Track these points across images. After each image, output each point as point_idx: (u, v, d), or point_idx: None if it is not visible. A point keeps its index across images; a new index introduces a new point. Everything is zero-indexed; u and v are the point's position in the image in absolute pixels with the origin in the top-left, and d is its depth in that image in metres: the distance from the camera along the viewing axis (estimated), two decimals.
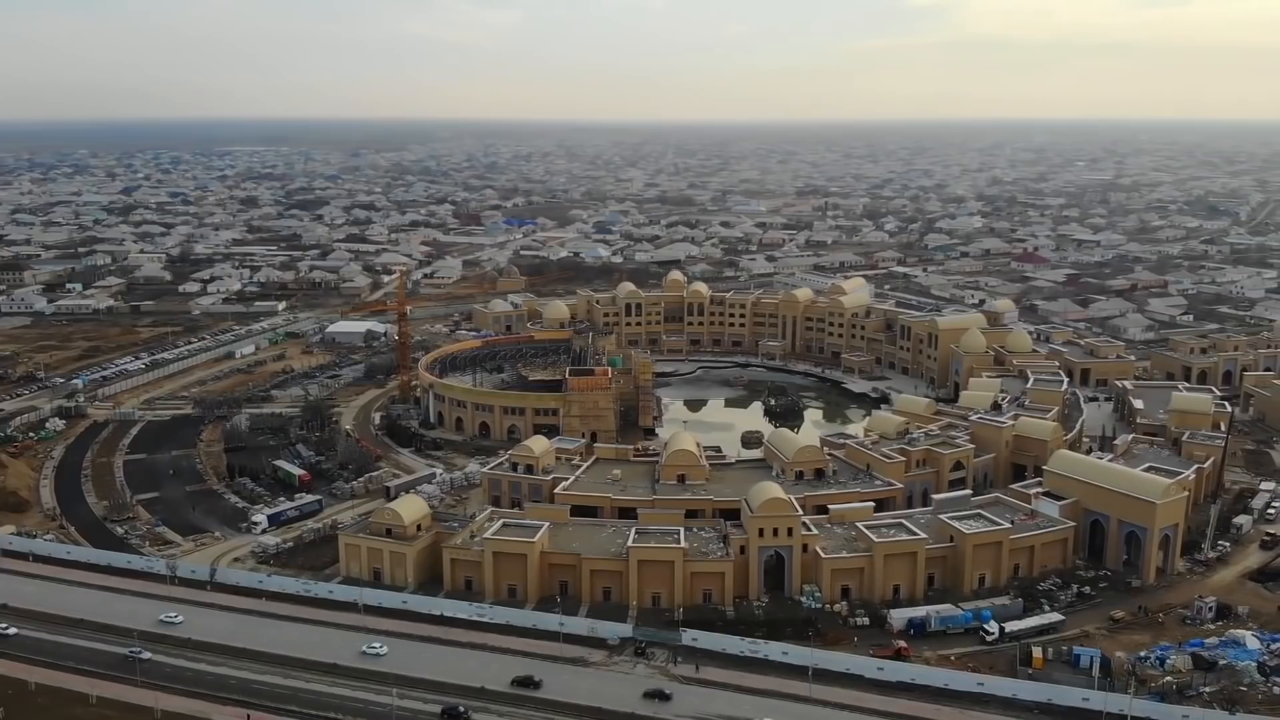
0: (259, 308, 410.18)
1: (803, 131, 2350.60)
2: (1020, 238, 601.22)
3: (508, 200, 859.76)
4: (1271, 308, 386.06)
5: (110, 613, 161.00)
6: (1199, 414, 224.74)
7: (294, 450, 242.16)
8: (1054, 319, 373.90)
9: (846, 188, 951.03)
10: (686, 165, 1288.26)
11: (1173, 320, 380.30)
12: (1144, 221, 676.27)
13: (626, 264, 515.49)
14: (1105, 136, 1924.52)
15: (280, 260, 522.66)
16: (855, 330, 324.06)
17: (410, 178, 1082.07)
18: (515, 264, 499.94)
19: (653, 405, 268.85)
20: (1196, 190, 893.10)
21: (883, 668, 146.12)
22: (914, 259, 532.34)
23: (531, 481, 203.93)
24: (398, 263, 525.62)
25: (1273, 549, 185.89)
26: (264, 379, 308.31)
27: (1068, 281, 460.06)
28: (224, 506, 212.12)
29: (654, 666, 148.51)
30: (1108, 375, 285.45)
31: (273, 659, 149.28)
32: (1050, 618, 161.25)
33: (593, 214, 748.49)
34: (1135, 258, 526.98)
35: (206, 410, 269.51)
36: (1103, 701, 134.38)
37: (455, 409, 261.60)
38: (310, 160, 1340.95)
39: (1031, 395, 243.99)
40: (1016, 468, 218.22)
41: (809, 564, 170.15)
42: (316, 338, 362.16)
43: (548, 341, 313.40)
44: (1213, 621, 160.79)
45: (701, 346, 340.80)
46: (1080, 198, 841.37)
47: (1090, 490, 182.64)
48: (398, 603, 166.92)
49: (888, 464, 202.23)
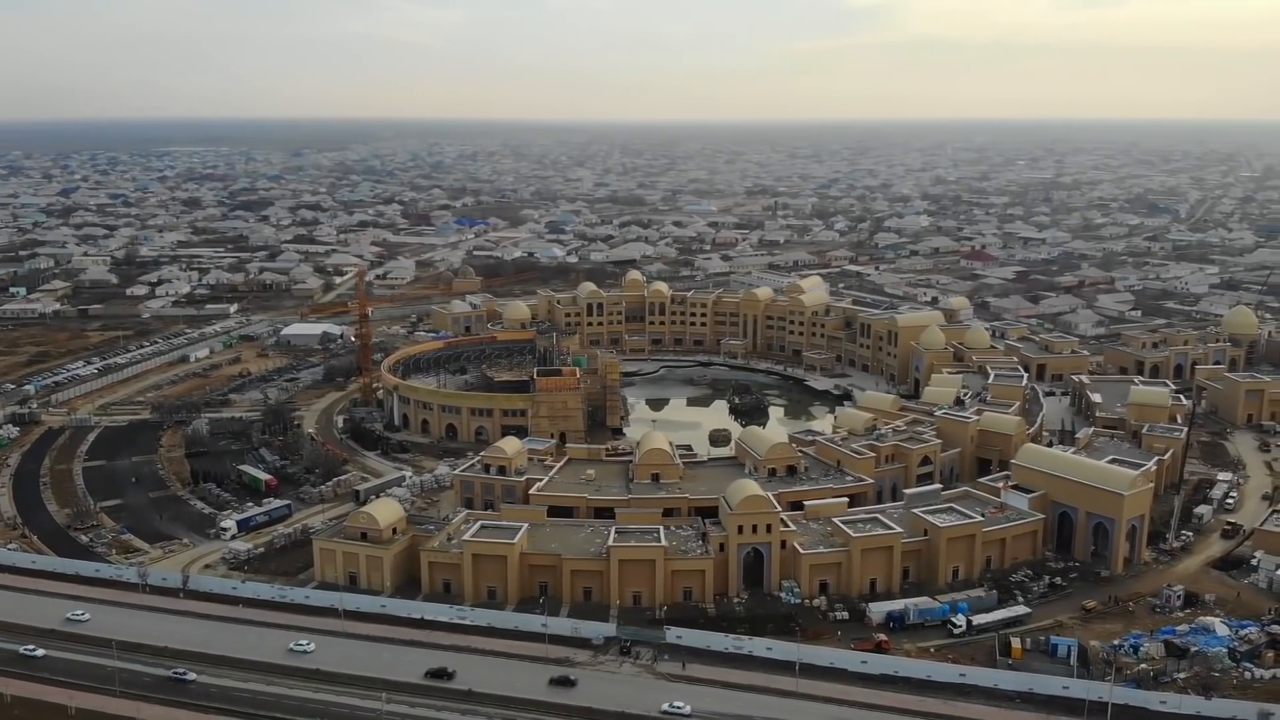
0: (210, 310, 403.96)
1: (747, 132, 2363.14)
2: (967, 236, 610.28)
3: (457, 200, 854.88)
4: (1216, 303, 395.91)
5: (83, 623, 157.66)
6: (1157, 407, 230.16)
7: (258, 455, 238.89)
8: (1006, 315, 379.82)
9: (794, 188, 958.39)
10: (634, 165, 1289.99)
11: (1121, 316, 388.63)
12: (1087, 219, 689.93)
13: (582, 264, 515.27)
14: (1044, 136, 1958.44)
15: (228, 262, 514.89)
16: (815, 328, 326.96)
17: (355, 177, 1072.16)
18: (470, 264, 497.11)
19: (620, 405, 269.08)
20: (1136, 188, 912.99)
21: (866, 661, 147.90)
22: (865, 258, 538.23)
23: (505, 483, 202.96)
24: (348, 263, 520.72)
25: (1233, 537, 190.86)
26: (221, 383, 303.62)
27: (1017, 279, 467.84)
28: (190, 513, 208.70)
29: (640, 665, 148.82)
30: (1063, 370, 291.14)
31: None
32: (1017, 610, 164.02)
33: (544, 214, 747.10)
34: (1081, 255, 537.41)
35: (165, 415, 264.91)
36: (1084, 690, 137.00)
37: (421, 411, 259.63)
38: (251, 160, 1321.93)
39: (993, 391, 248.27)
40: (981, 462, 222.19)
41: (787, 560, 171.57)
42: (272, 340, 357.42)
43: (510, 342, 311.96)
44: (1181, 609, 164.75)
45: (663, 346, 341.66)
46: (1023, 196, 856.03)
47: (1058, 483, 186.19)
48: (376, 606, 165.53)
49: (858, 460, 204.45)
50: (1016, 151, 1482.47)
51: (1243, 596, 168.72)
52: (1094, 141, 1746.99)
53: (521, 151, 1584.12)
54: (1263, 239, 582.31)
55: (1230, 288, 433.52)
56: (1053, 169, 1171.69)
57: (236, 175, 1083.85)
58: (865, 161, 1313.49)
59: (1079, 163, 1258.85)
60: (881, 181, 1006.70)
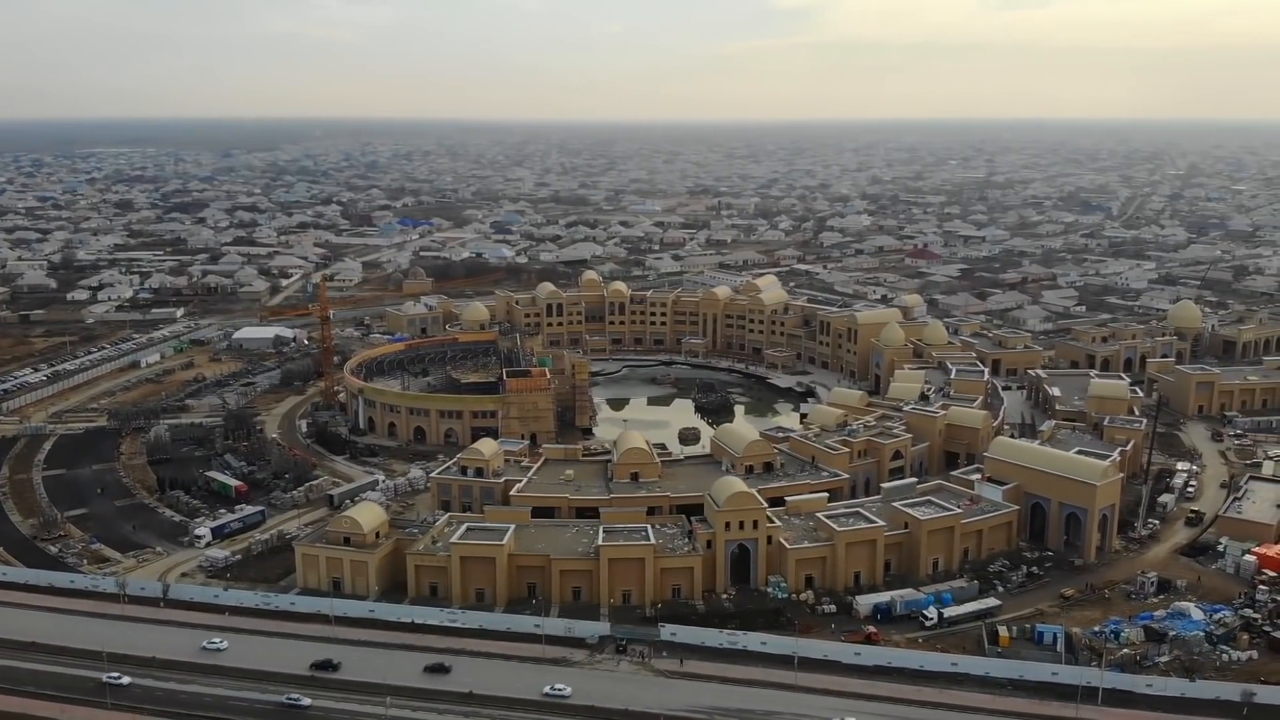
0: (157, 315, 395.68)
1: (681, 132, 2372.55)
2: (909, 235, 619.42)
3: (396, 200, 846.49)
4: (1156, 298, 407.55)
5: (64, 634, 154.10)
6: (1116, 399, 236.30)
7: (223, 461, 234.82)
8: (955, 312, 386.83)
9: (735, 187, 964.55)
10: (574, 165, 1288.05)
11: (1067, 311, 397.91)
12: (1023, 217, 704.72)
13: (532, 264, 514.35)
14: (972, 135, 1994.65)
15: (169, 265, 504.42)
16: (775, 327, 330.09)
17: (289, 178, 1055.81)
18: (418, 265, 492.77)
19: (589, 405, 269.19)
20: (1067, 187, 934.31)
21: (859, 653, 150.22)
22: (812, 256, 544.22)
23: (483, 485, 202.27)
24: (293, 265, 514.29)
25: (1197, 525, 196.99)
26: (175, 388, 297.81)
27: (962, 276, 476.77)
28: (160, 521, 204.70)
29: (637, 663, 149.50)
30: (1017, 365, 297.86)
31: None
32: (988, 602, 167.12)
33: (488, 214, 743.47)
34: (1021, 252, 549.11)
35: (122, 422, 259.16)
36: (1077, 675, 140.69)
37: (387, 414, 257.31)
38: (181, 161, 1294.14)
39: (955, 386, 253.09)
40: (949, 455, 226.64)
41: (773, 555, 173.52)
42: (224, 344, 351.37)
43: (472, 343, 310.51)
44: (1155, 595, 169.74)
45: (623, 346, 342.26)
46: (959, 195, 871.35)
47: (1031, 475, 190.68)
48: (364, 611, 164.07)
49: (833, 455, 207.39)
50: (947, 151, 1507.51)
51: (1203, 580, 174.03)
52: (1021, 141, 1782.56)
53: (457, 151, 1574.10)
54: (1194, 235, 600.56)
55: (1168, 283, 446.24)
56: (985, 168, 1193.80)
57: (167, 176, 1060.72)
58: (802, 162, 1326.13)
59: (1010, 162, 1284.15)
60: (820, 181, 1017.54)
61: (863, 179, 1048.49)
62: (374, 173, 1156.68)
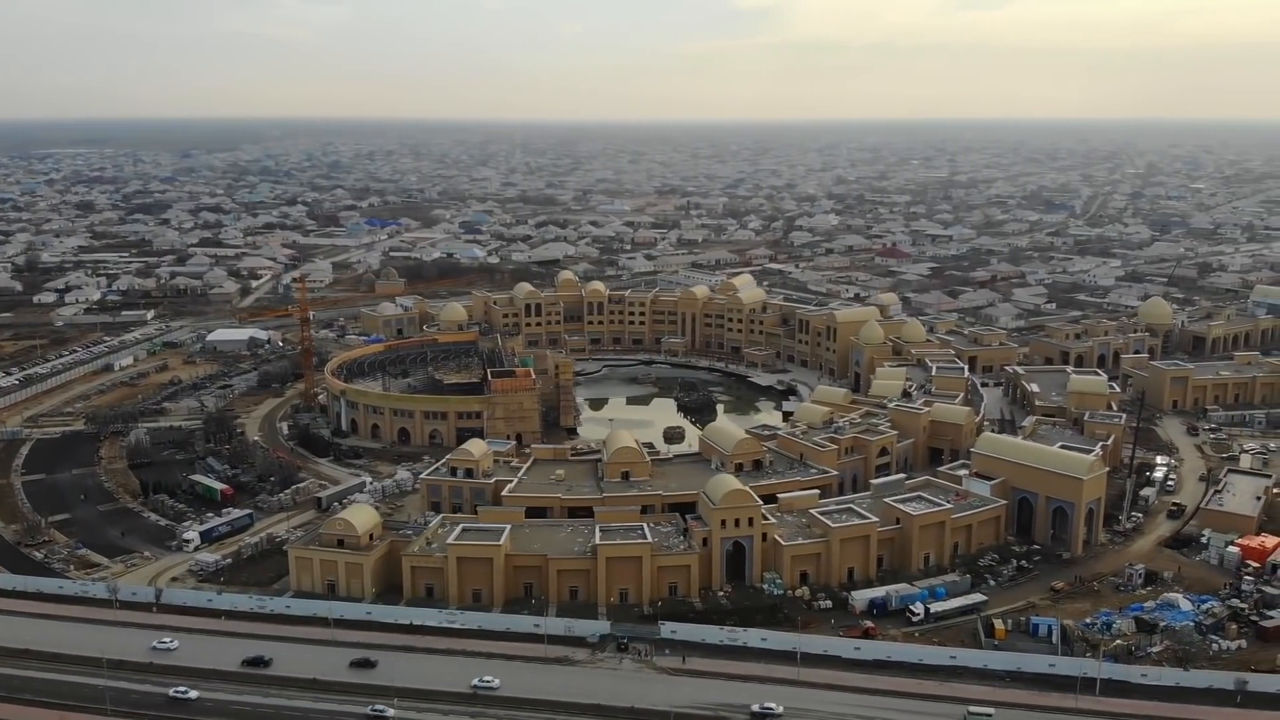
0: (127, 317, 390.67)
1: (645, 131, 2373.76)
2: (878, 234, 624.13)
3: (362, 200, 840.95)
4: (1125, 294, 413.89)
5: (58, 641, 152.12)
6: (1096, 395, 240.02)
7: (206, 464, 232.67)
8: (928, 310, 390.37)
9: (702, 187, 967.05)
10: (539, 165, 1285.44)
11: (1037, 309, 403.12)
12: (988, 216, 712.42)
13: (504, 264, 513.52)
14: (933, 135, 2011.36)
15: (136, 267, 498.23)
16: (754, 325, 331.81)
17: (252, 178, 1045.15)
18: (389, 266, 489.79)
19: (573, 405, 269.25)
20: (1030, 186, 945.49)
21: (859, 647, 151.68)
22: (784, 256, 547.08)
23: (474, 485, 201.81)
24: (262, 266, 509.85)
25: (1179, 517, 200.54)
26: (151, 391, 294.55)
27: (932, 274, 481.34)
28: (145, 525, 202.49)
29: (640, 661, 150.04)
30: (992, 362, 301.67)
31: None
32: (974, 598, 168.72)
33: (455, 214, 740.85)
34: (988, 251, 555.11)
35: (100, 426, 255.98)
36: (1074, 667, 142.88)
37: (371, 415, 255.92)
38: (140, 162, 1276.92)
39: (937, 382, 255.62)
40: (933, 451, 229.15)
41: (768, 552, 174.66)
42: (198, 346, 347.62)
43: (452, 344, 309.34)
44: (1143, 587, 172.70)
45: (602, 345, 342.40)
46: (924, 195, 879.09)
47: (1018, 470, 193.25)
48: (362, 614, 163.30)
49: (822, 452, 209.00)
50: (909, 151, 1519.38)
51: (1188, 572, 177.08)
52: (981, 140, 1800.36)
53: (420, 150, 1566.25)
54: (1157, 233, 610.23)
55: (1135, 280, 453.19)
56: (947, 168, 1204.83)
57: (127, 177, 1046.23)
58: (767, 162, 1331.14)
59: (971, 161, 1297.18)
60: (786, 181, 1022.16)
61: (828, 179, 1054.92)
62: (337, 173, 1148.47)
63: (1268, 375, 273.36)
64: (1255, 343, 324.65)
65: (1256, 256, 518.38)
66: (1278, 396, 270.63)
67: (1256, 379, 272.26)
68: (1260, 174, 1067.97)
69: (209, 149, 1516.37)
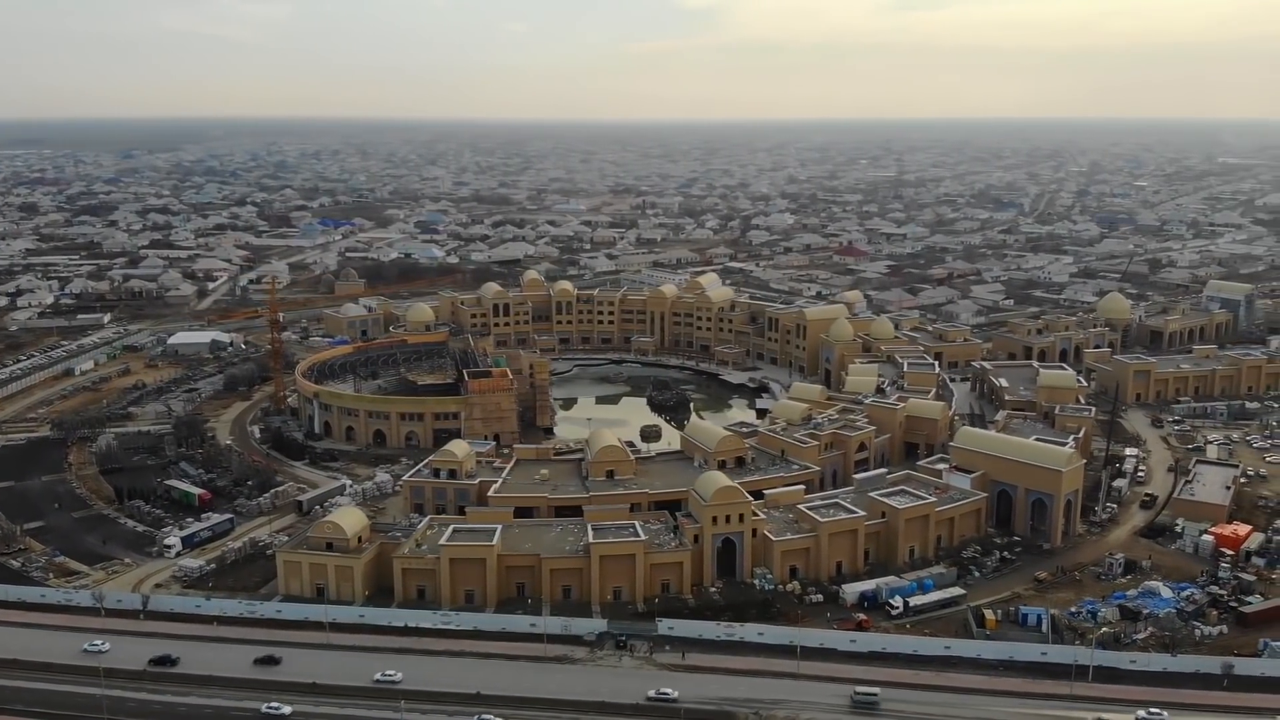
0: (83, 321, 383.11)
1: (594, 131, 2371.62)
2: (834, 233, 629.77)
3: (312, 200, 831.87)
4: (1080, 290, 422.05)
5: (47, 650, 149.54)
6: (1065, 389, 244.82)
7: (180, 469, 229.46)
8: (890, 308, 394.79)
9: (656, 186, 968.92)
10: (489, 164, 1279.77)
11: (996, 305, 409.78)
12: (939, 215, 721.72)
13: (464, 264, 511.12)
14: (878, 135, 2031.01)
15: (87, 270, 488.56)
16: (723, 324, 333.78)
17: (198, 179, 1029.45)
18: (349, 267, 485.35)
19: (550, 405, 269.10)
20: (977, 184, 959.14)
21: (854, 640, 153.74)
22: (744, 255, 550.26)
23: (457, 487, 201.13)
24: (218, 268, 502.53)
25: (1151, 507, 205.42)
26: (115, 396, 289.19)
27: (891, 272, 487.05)
28: (123, 531, 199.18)
29: (639, 658, 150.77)
30: (957, 357, 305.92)
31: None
32: (952, 592, 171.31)
33: (409, 214, 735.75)
34: (943, 249, 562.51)
35: (67, 432, 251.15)
36: (1065, 655, 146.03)
37: (345, 418, 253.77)
38: (81, 163, 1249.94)
39: (909, 378, 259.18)
40: (909, 446, 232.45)
41: (758, 548, 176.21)
42: (158, 350, 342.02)
43: (422, 345, 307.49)
44: (1123, 576, 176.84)
45: (570, 345, 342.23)
46: (875, 194, 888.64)
47: (997, 463, 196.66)
48: (354, 616, 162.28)
49: (803, 449, 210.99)
50: (857, 150, 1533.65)
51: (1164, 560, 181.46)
52: (926, 140, 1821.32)
53: (367, 150, 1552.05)
54: (1106, 230, 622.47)
55: (1088, 276, 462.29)
56: (895, 167, 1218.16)
57: (69, 179, 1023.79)
58: (717, 161, 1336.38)
59: (918, 161, 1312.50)
60: (739, 181, 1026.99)
61: (780, 178, 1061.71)
62: (284, 172, 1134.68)
63: (1226, 368, 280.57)
64: (1210, 336, 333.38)
65: (1204, 252, 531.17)
66: (1236, 389, 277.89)
67: (1216, 372, 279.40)
68: (1200, 172, 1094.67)
69: (150, 149, 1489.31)
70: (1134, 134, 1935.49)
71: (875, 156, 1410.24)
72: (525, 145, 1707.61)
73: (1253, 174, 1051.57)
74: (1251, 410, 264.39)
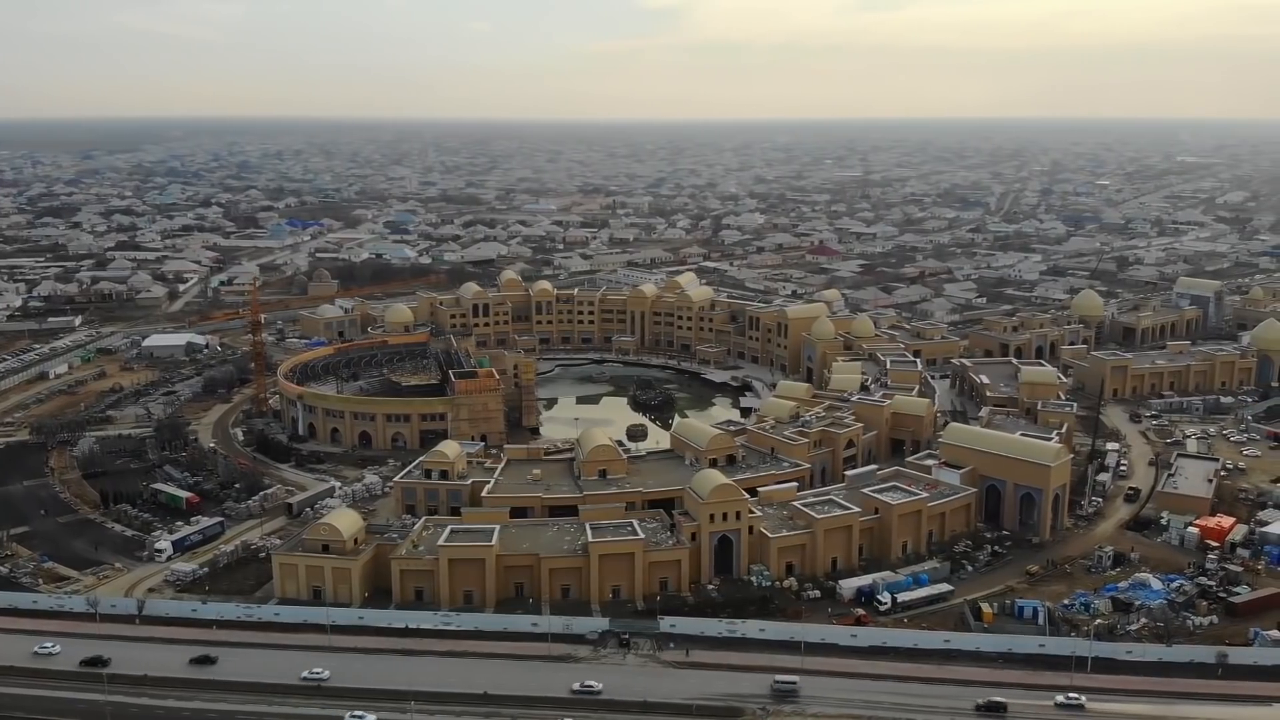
0: (54, 323, 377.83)
1: (558, 130, 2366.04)
2: (805, 232, 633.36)
3: (278, 201, 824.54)
4: (1051, 288, 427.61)
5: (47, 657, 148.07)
6: (1047, 385, 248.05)
7: (164, 472, 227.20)
8: (865, 306, 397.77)
9: (625, 186, 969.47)
10: (455, 164, 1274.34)
11: (969, 303, 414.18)
12: (907, 214, 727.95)
13: (437, 264, 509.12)
14: (841, 135, 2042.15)
15: (55, 272, 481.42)
16: (703, 323, 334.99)
17: (160, 179, 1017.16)
18: (321, 268, 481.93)
19: (536, 405, 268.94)
20: (942, 184, 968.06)
21: (855, 635, 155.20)
22: (717, 254, 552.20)
23: (450, 487, 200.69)
24: (188, 270, 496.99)
25: (1135, 501, 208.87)
26: (92, 399, 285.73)
27: (864, 271, 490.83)
28: (110, 536, 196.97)
29: (644, 655, 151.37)
30: (935, 355, 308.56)
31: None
32: (940, 588, 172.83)
33: (378, 214, 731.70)
34: (913, 248, 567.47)
35: (48, 436, 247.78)
36: (1063, 646, 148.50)
37: (330, 419, 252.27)
38: (39, 164, 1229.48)
39: (892, 376, 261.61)
40: (895, 442, 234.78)
41: (754, 544, 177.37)
42: (133, 353, 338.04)
43: (403, 345, 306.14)
44: (1112, 568, 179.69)
45: (551, 345, 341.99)
46: (842, 193, 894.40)
47: (986, 458, 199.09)
48: (354, 619, 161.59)
49: (793, 446, 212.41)
50: (821, 150, 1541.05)
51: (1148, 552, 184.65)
52: (888, 140, 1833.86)
53: (330, 150, 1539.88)
54: (1072, 228, 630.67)
55: (1058, 274, 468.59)
56: (860, 167, 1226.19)
57: (28, 180, 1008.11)
58: (684, 161, 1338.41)
59: (883, 160, 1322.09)
60: (707, 181, 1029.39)
61: (747, 178, 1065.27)
62: (247, 173, 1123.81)
63: (1200, 364, 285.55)
64: (1181, 332, 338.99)
65: (1169, 250, 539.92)
66: (1210, 384, 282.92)
67: (1190, 367, 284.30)
68: (1160, 170, 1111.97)
69: (109, 150, 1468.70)
70: (1093, 133, 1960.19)
71: (840, 156, 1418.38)
72: (490, 145, 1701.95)
73: (1211, 173, 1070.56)
74: (1226, 405, 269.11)
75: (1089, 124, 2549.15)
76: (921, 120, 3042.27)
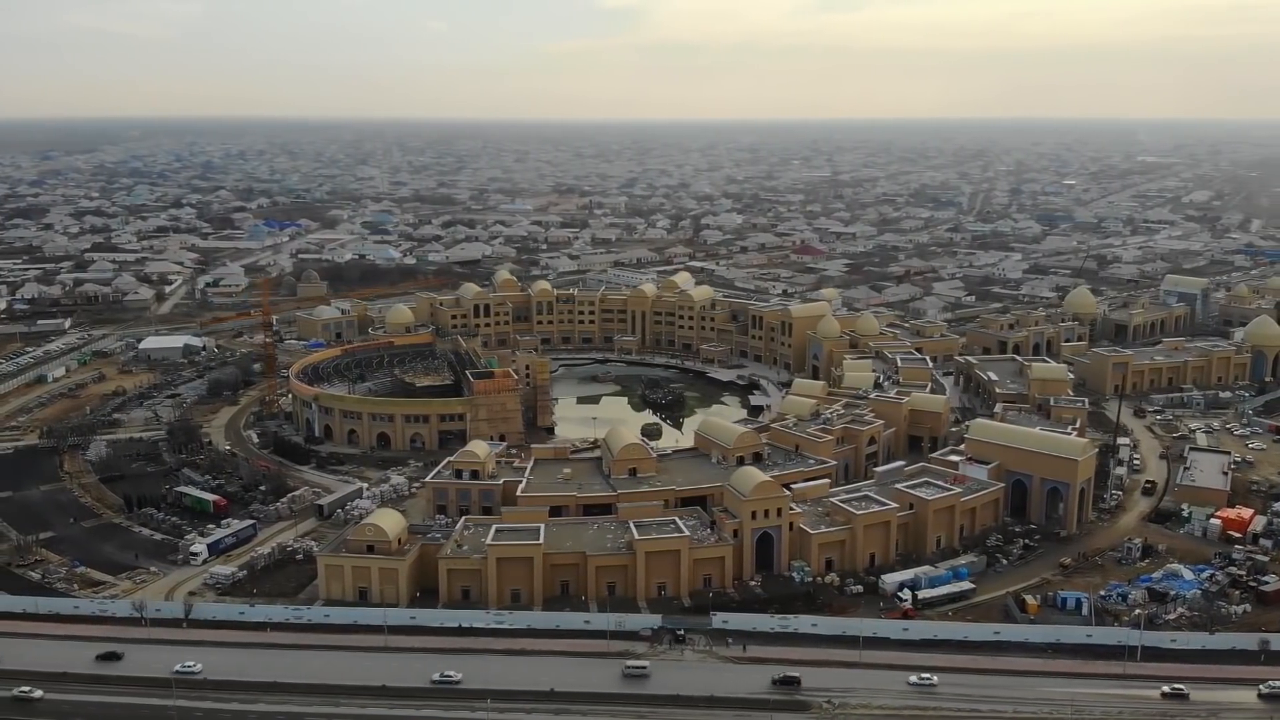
0: (44, 326, 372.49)
1: (522, 130, 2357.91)
2: (786, 232, 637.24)
3: (250, 201, 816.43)
4: (1036, 286, 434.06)
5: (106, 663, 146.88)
6: (1057, 381, 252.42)
7: (185, 475, 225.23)
8: (858, 305, 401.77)
9: (598, 186, 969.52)
10: (422, 164, 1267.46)
11: (959, 301, 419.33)
12: (882, 214, 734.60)
13: (423, 265, 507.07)
14: (803, 135, 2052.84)
15: (35, 274, 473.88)
16: (705, 322, 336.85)
17: (126, 180, 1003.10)
18: (310, 269, 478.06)
19: (550, 405, 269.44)
20: (912, 184, 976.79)
21: (906, 628, 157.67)
22: (701, 254, 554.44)
23: (482, 487, 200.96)
24: (172, 271, 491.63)
25: (1152, 494, 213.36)
26: (96, 402, 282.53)
27: (851, 270, 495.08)
28: (139, 540, 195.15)
29: (701, 651, 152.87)
30: (935, 352, 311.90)
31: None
32: (962, 586, 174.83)
33: (353, 214, 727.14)
34: (894, 247, 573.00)
35: (59, 440, 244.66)
36: (1109, 636, 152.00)
37: (347, 421, 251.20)
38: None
39: (904, 373, 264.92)
40: (912, 439, 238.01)
41: (795, 541, 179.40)
42: (130, 355, 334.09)
43: (409, 346, 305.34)
44: (1141, 559, 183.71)
45: (551, 345, 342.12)
46: (815, 193, 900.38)
47: (1013, 453, 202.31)
48: (405, 619, 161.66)
49: (818, 443, 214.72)
50: (787, 151, 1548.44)
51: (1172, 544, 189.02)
52: (850, 141, 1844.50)
53: (293, 150, 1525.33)
54: (1047, 227, 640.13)
55: (1041, 272, 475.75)
56: (827, 167, 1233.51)
57: None
58: (653, 161, 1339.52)
59: (849, 161, 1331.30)
60: (679, 181, 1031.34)
61: (719, 178, 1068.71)
62: (213, 173, 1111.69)
63: (1197, 359, 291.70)
64: (1170, 329, 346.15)
65: (1145, 248, 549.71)
66: (1207, 379, 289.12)
67: (1188, 363, 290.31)
68: (1123, 170, 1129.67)
69: (68, 150, 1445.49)
70: (1052, 134, 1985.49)
71: (807, 157, 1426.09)
72: (454, 144, 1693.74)
73: (1173, 172, 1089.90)
74: (1225, 400, 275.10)
75: (1047, 124, 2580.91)
76: (882, 120, 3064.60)
